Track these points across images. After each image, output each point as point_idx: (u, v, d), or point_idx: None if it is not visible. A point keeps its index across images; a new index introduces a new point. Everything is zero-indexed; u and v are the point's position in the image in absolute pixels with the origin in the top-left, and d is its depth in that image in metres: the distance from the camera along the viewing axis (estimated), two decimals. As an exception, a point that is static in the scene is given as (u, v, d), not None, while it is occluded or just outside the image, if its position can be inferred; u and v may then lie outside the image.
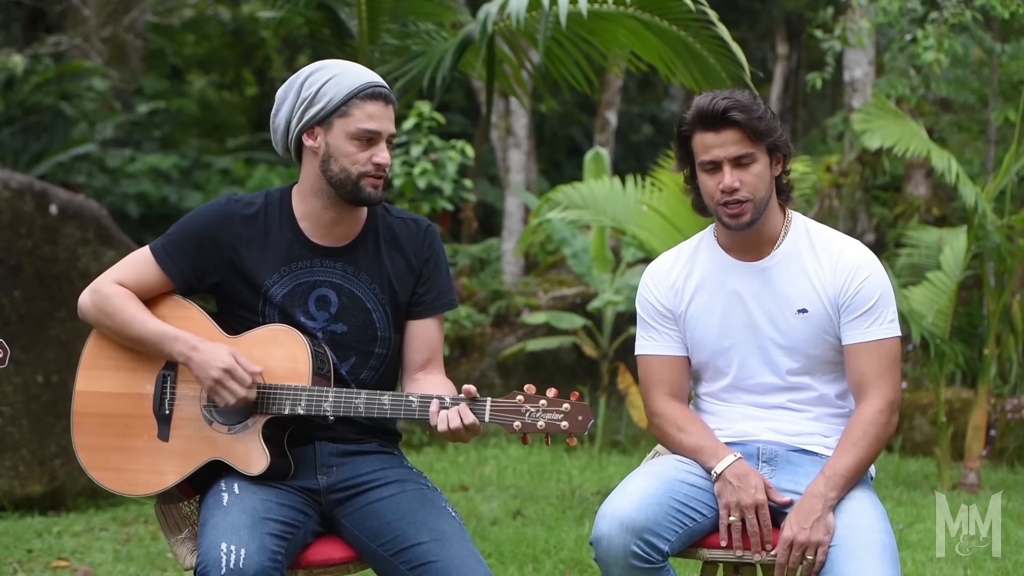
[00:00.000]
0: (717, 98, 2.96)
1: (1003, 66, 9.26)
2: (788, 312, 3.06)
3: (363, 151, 2.95)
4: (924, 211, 10.13)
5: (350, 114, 2.95)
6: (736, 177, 2.96)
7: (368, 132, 2.95)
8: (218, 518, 2.82)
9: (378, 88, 2.99)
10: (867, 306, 3.02)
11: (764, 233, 3.08)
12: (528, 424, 2.80)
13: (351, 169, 2.95)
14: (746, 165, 2.97)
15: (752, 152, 2.97)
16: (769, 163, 3.01)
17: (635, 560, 2.84)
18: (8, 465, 5.84)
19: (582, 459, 7.88)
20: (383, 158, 2.96)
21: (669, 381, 3.15)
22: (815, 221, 3.19)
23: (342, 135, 2.95)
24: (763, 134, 2.96)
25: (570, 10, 5.32)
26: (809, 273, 3.06)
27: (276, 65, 18.03)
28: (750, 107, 2.95)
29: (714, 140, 2.96)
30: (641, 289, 3.20)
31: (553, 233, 9.19)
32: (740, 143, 2.96)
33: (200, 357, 2.91)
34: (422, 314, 3.12)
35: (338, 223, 3.04)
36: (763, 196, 3.00)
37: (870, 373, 3.02)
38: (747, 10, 16.93)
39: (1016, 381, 8.12)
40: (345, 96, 2.95)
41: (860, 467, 2.97)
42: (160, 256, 3.03)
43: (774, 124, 2.99)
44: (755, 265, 3.09)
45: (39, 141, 13.15)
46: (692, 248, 3.19)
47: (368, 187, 2.95)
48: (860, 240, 3.26)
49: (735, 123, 2.94)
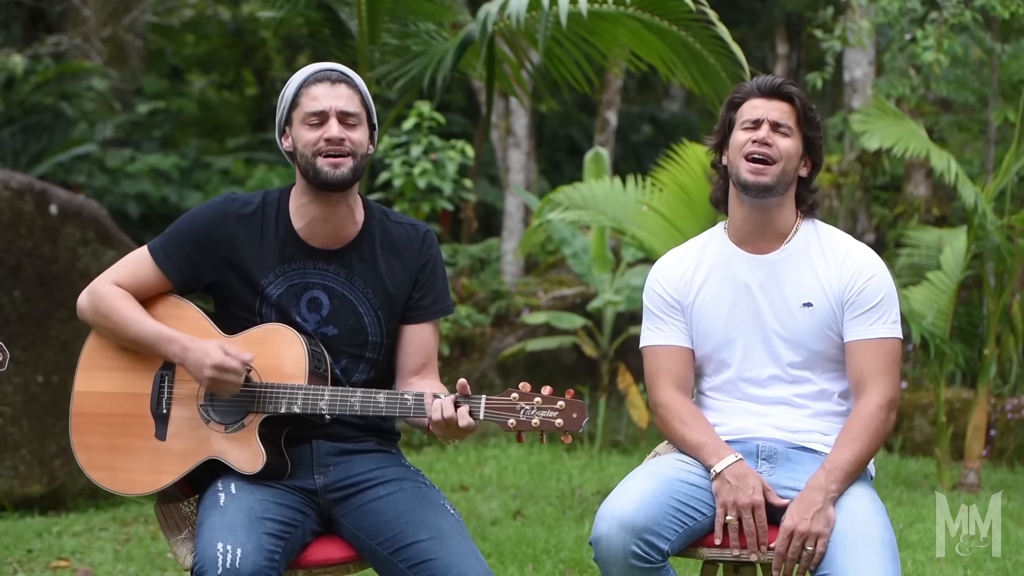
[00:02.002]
0: (779, 78, 3.13)
1: (1003, 66, 9.26)
2: (793, 305, 3.09)
3: (314, 131, 2.99)
4: (924, 211, 10.13)
5: (299, 103, 3.01)
6: (772, 138, 3.06)
7: (313, 113, 2.99)
8: (215, 518, 2.82)
9: (323, 72, 3.04)
10: (871, 304, 3.06)
11: (774, 225, 3.13)
12: (523, 421, 2.80)
13: (307, 152, 2.99)
14: (783, 135, 3.07)
15: (791, 128, 3.08)
16: (801, 152, 3.11)
17: (635, 560, 2.85)
18: (8, 465, 5.84)
19: (582, 459, 7.88)
20: (332, 132, 2.97)
21: (675, 372, 3.17)
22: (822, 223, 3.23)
23: (299, 125, 3.01)
24: (808, 122, 3.10)
25: (570, 10, 5.32)
26: (816, 269, 3.10)
27: (276, 65, 18.03)
28: (805, 98, 3.11)
29: (764, 105, 3.10)
30: (649, 282, 3.23)
31: (553, 233, 9.19)
32: (786, 115, 3.08)
33: (193, 356, 2.92)
34: (418, 319, 3.13)
35: (326, 221, 3.05)
36: (788, 172, 3.08)
37: (870, 370, 3.05)
38: (747, 10, 16.92)
39: (1016, 381, 8.12)
40: (295, 90, 3.02)
41: (860, 461, 2.99)
42: (158, 255, 3.04)
43: (818, 124, 3.13)
44: (764, 258, 3.13)
45: (39, 141, 13.14)
46: (702, 242, 3.25)
47: (325, 166, 2.97)
48: (860, 240, 3.29)
49: (789, 97, 3.08)
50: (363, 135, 3.02)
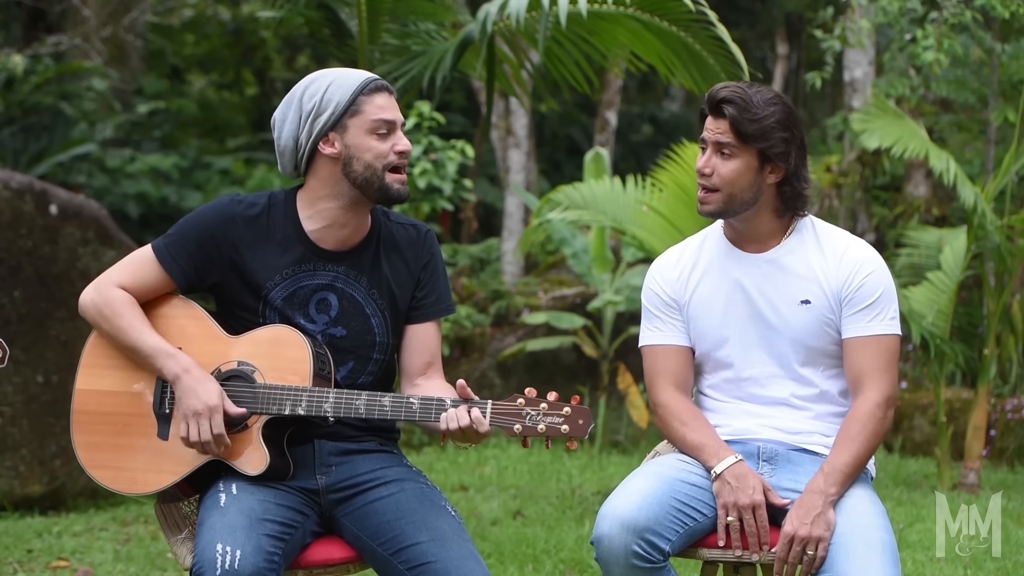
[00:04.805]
0: (727, 88, 3.01)
1: (1003, 66, 9.26)
2: (791, 303, 3.07)
3: (384, 142, 2.97)
4: (924, 211, 10.13)
5: (362, 110, 2.96)
6: (712, 164, 3.01)
7: (385, 122, 2.97)
8: (215, 519, 2.82)
9: (380, 81, 3.02)
10: (869, 301, 3.04)
11: (759, 230, 3.10)
12: (529, 427, 2.81)
13: (376, 164, 2.95)
14: (726, 156, 3.00)
15: (734, 146, 2.99)
16: (758, 167, 3.00)
17: (636, 560, 2.85)
18: (8, 465, 5.84)
19: (582, 459, 7.88)
20: (404, 145, 2.98)
21: (674, 372, 3.16)
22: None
23: (360, 132, 2.96)
24: (749, 136, 2.97)
25: (570, 10, 5.32)
26: (813, 266, 3.08)
27: (276, 65, 18.03)
28: (748, 106, 2.96)
29: (711, 124, 3.04)
30: (647, 281, 3.22)
31: (553, 233, 9.19)
32: (726, 134, 3.00)
33: (191, 381, 2.90)
34: (421, 318, 3.12)
35: (347, 226, 3.03)
36: (738, 194, 3.01)
37: (868, 367, 3.03)
38: (747, 10, 16.93)
39: (1016, 381, 8.12)
40: (352, 95, 2.96)
41: (859, 462, 2.98)
42: (162, 255, 3.03)
43: (770, 133, 2.97)
44: (760, 256, 3.11)
45: (39, 141, 13.13)
46: (699, 241, 3.23)
47: (395, 183, 2.96)
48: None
49: (725, 115, 2.98)
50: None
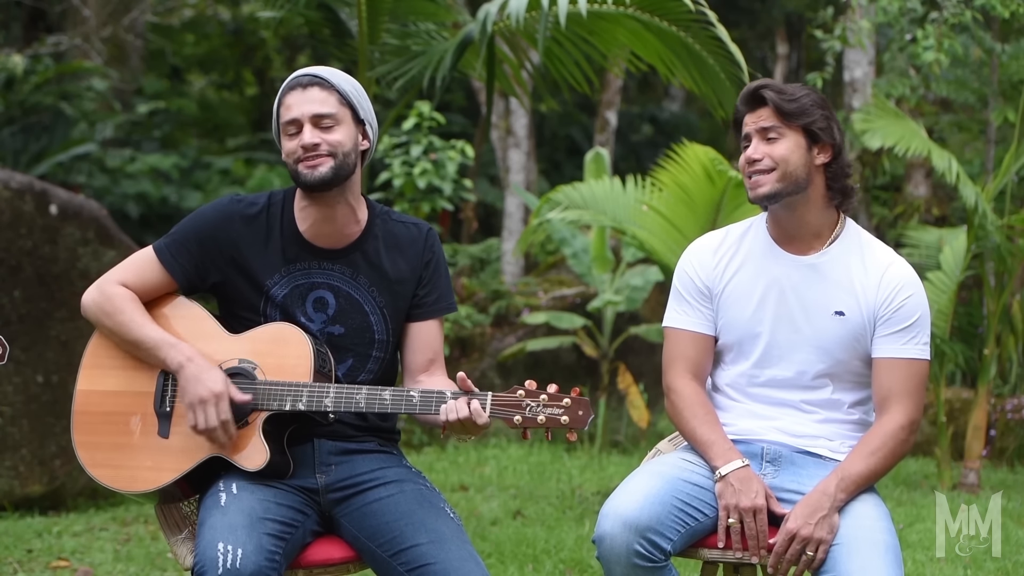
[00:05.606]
0: (757, 82, 3.09)
1: (1003, 66, 9.26)
2: (825, 312, 3.06)
3: (292, 140, 3.01)
4: (924, 211, 10.14)
5: (279, 115, 3.05)
6: (760, 150, 3.03)
7: (288, 123, 3.02)
8: (215, 518, 2.82)
9: (295, 79, 3.05)
10: (906, 324, 3.03)
11: (810, 226, 3.08)
12: (529, 418, 2.82)
13: (289, 161, 3.03)
14: (773, 140, 3.03)
15: (779, 127, 3.02)
16: (806, 145, 3.03)
17: (638, 559, 2.85)
18: (8, 465, 5.84)
19: (582, 459, 7.88)
20: (305, 139, 2.98)
21: (693, 359, 3.16)
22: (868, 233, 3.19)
23: (282, 136, 3.05)
24: (791, 114, 3.01)
25: (570, 10, 5.32)
26: (854, 279, 3.06)
27: (276, 65, 18.03)
28: (784, 90, 3.05)
29: (750, 117, 3.07)
30: (682, 263, 3.21)
31: (553, 233, 9.19)
32: (768, 118, 3.03)
33: (195, 369, 2.92)
34: (423, 316, 3.13)
35: (327, 221, 3.05)
36: (793, 172, 3.01)
37: (897, 389, 3.02)
38: (747, 10, 16.93)
39: (1016, 381, 8.12)
40: (276, 103, 3.06)
41: (873, 476, 2.99)
42: (163, 256, 3.04)
43: (811, 110, 3.03)
44: (802, 259, 3.09)
45: (39, 141, 13.14)
46: (742, 230, 3.20)
47: (304, 169, 2.99)
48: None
49: (764, 100, 3.03)
50: (344, 134, 3.00)
